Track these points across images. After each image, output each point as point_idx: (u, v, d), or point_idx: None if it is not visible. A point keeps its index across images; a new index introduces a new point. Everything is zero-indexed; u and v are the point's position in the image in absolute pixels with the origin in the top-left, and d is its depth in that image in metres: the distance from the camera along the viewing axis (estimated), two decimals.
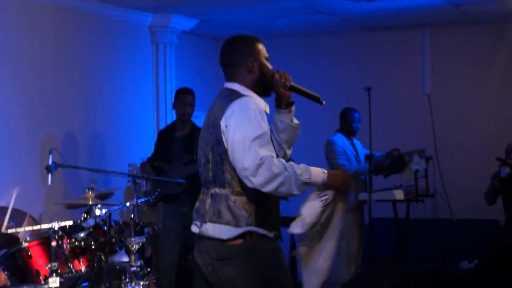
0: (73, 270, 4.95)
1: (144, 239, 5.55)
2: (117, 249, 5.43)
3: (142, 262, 5.46)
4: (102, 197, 5.64)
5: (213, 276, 3.74)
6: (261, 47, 3.90)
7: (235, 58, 3.87)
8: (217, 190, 3.70)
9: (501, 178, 7.79)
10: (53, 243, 4.67)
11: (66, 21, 7.42)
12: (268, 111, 3.82)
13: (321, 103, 3.89)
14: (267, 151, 3.56)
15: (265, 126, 3.64)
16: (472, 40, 9.55)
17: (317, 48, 10.17)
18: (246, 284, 3.65)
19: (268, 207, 3.72)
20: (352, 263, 7.68)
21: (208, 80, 10.41)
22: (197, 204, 3.86)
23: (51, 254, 4.64)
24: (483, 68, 9.50)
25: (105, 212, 5.20)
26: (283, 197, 4.14)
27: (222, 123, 3.68)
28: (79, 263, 5.02)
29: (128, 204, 5.58)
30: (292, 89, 3.89)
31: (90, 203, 5.26)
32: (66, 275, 4.90)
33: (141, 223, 5.87)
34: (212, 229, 3.68)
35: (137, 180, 6.43)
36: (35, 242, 4.92)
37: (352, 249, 7.67)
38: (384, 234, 8.80)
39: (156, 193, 6.56)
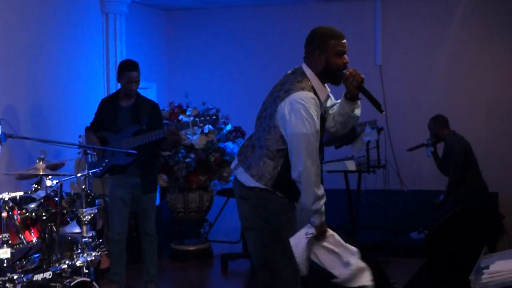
0: (24, 241, 4.94)
1: (96, 210, 5.57)
2: (68, 220, 5.42)
3: (93, 233, 5.49)
4: (53, 168, 5.62)
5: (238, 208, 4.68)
6: (333, 42, 4.45)
7: (307, 46, 4.52)
8: (258, 146, 4.48)
9: (436, 157, 8.16)
10: (4, 214, 4.67)
11: None
12: (324, 97, 4.50)
13: (381, 112, 4.49)
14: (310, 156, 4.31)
15: (313, 127, 4.30)
16: (424, 11, 9.66)
17: (268, 19, 10.22)
18: (252, 223, 4.56)
19: (290, 180, 4.39)
20: None
21: (159, 50, 10.44)
22: (244, 144, 4.71)
23: (2, 225, 4.63)
24: (435, 40, 9.63)
25: (56, 183, 5.19)
26: None
27: (279, 108, 4.36)
28: (30, 234, 5.01)
29: (79, 175, 5.57)
30: (360, 89, 4.44)
31: (41, 173, 5.24)
32: (17, 246, 4.89)
33: (92, 194, 5.89)
34: (242, 174, 4.52)
35: (88, 151, 6.45)
36: None
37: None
38: (335, 205, 8.86)
39: (104, 164, 6.53)
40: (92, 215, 5.45)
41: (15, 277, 4.54)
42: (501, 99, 9.36)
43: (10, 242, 4.62)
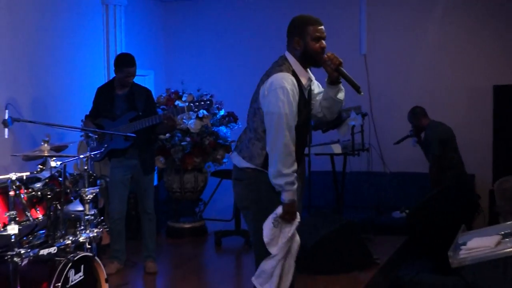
0: (31, 218, 4.94)
1: (98, 190, 5.58)
2: (72, 198, 5.42)
3: (95, 211, 5.50)
4: (57, 150, 5.62)
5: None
6: (311, 28, 4.47)
7: (288, 34, 4.56)
8: (248, 129, 4.59)
9: (422, 145, 8.21)
10: (11, 193, 4.65)
11: None
12: (305, 80, 4.54)
13: (359, 93, 4.47)
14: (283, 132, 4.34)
15: (287, 106, 4.33)
16: (407, 4, 9.67)
17: (259, 10, 10.20)
18: (246, 202, 4.60)
19: None
20: None
21: (156, 39, 10.43)
22: (241, 133, 4.72)
23: (9, 203, 4.62)
24: (417, 31, 9.63)
25: (60, 164, 5.19)
26: None
27: (261, 90, 4.44)
28: (36, 211, 5.00)
29: (82, 156, 5.58)
30: (338, 71, 4.46)
31: (46, 154, 5.25)
32: (24, 223, 4.88)
33: (94, 175, 5.90)
34: (236, 157, 4.62)
35: (90, 134, 6.45)
36: None
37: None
38: (322, 186, 8.96)
39: (103, 149, 6.54)
40: (94, 194, 5.46)
41: (22, 251, 4.55)
42: (478, 88, 9.36)
43: (17, 219, 4.61)
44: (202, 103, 6.75)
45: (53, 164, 5.15)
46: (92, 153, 5.78)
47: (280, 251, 4.45)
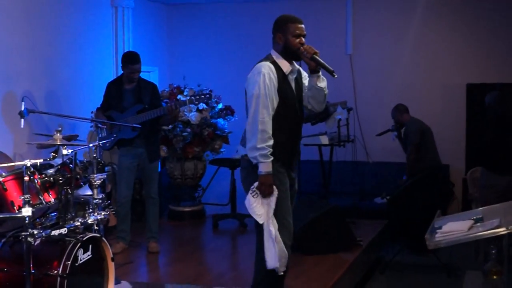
0: (43, 202, 4.87)
1: (105, 176, 5.54)
2: (81, 184, 5.37)
3: (103, 195, 5.46)
4: (68, 139, 5.57)
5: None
6: (291, 26, 4.55)
7: (273, 31, 4.65)
8: (246, 120, 4.52)
9: (401, 140, 8.16)
10: (26, 178, 4.59)
11: None
12: (286, 68, 4.55)
13: (333, 76, 4.43)
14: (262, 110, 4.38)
15: (262, 88, 4.39)
16: (390, 5, 9.64)
17: (253, 13, 10.15)
18: (248, 187, 4.49)
19: (276, 142, 4.41)
20: None
21: (161, 39, 10.38)
22: None
23: (24, 188, 4.56)
24: (398, 33, 9.62)
25: (71, 152, 5.14)
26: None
27: (248, 77, 4.52)
28: (49, 195, 4.93)
29: (91, 145, 5.54)
30: (313, 59, 4.48)
31: (58, 143, 5.20)
32: (37, 205, 4.82)
33: (102, 162, 5.85)
34: (240, 148, 4.67)
35: (99, 125, 6.41)
36: (10, 177, 4.78)
37: None
38: (311, 174, 8.93)
39: (112, 138, 6.51)
40: (102, 180, 5.41)
41: (35, 232, 4.49)
42: (453, 86, 9.37)
43: (31, 202, 4.56)
44: (202, 96, 6.73)
45: (64, 152, 5.10)
46: (101, 142, 5.73)
47: (271, 226, 4.40)
